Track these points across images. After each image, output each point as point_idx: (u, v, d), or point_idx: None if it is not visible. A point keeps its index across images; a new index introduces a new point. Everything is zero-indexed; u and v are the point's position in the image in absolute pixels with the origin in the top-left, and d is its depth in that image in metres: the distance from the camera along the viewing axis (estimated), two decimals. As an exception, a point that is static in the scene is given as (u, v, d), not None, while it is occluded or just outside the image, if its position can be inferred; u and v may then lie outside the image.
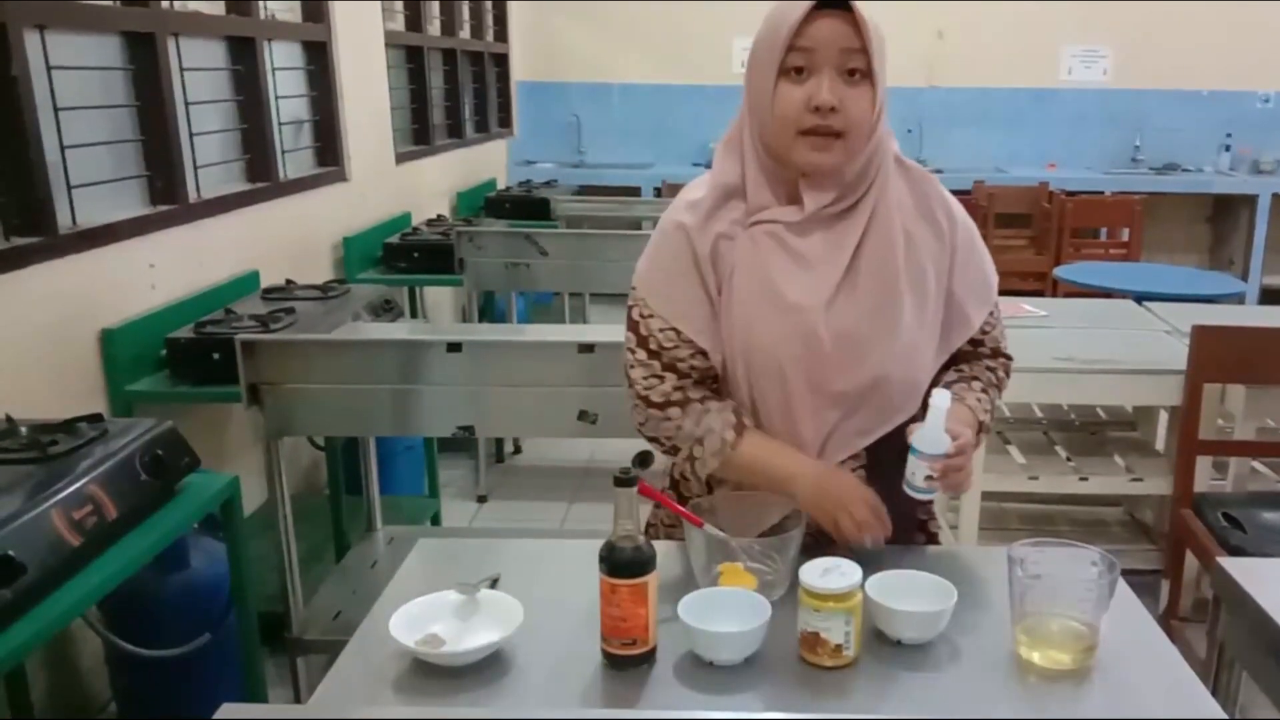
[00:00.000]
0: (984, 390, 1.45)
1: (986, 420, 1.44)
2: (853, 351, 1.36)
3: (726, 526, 1.35)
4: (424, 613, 1.26)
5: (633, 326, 1.44)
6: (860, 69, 1.30)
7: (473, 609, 1.28)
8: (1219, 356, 2.57)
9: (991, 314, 1.47)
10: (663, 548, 1.29)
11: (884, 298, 1.36)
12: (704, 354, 1.41)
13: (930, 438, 1.30)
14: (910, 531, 1.51)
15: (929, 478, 1.31)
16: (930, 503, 1.45)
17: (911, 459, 1.32)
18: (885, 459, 1.41)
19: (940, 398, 1.29)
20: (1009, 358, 1.52)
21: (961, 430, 1.33)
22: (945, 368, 1.48)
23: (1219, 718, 1.12)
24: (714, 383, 1.45)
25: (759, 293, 1.37)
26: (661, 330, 1.41)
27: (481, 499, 3.87)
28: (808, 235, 1.37)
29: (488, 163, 6.35)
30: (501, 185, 6.34)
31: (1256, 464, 3.14)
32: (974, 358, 1.50)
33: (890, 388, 1.38)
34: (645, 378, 1.42)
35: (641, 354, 1.43)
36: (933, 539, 1.57)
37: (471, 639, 1.23)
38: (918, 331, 1.39)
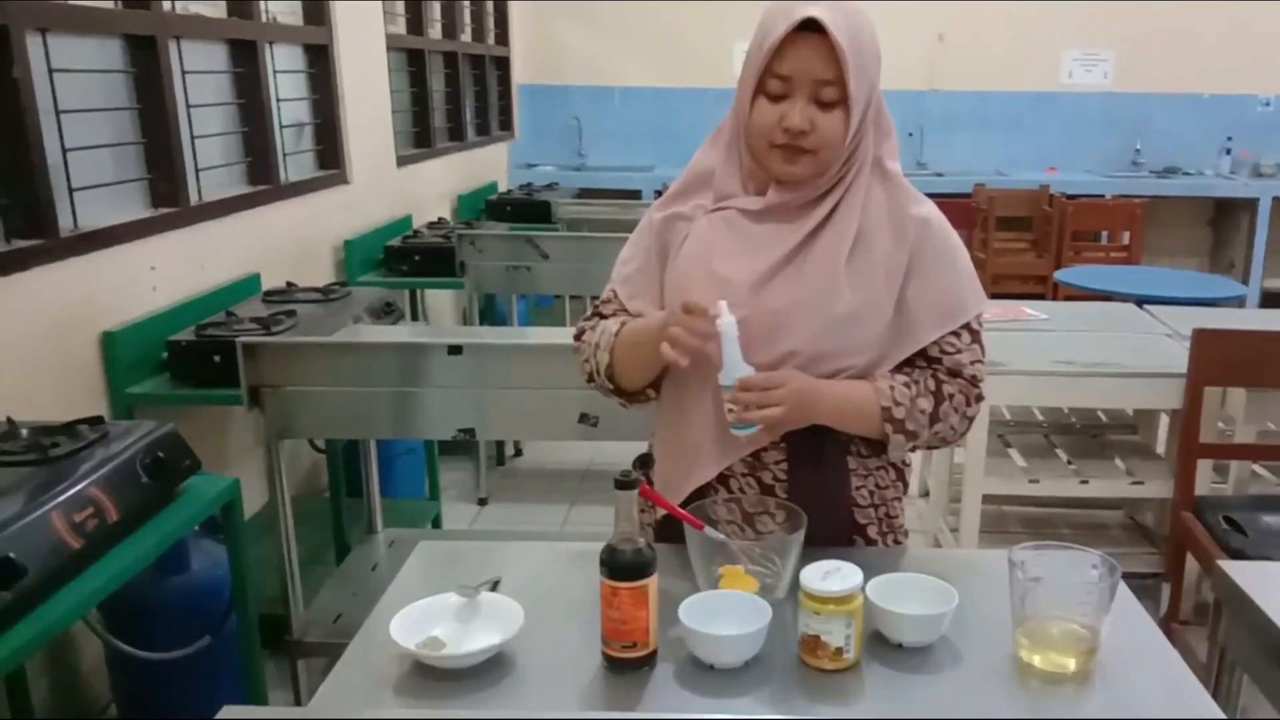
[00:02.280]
0: (907, 385, 1.40)
1: (895, 412, 1.38)
2: (771, 329, 1.37)
3: (661, 485, 1.38)
4: (425, 615, 1.26)
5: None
6: (834, 99, 1.32)
7: (473, 611, 1.28)
8: (1220, 360, 2.57)
9: (959, 337, 1.42)
10: (663, 550, 1.29)
11: (821, 287, 1.37)
12: (628, 314, 1.48)
13: (724, 369, 1.32)
14: (842, 535, 1.46)
15: (730, 409, 1.33)
16: (758, 444, 1.40)
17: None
18: (805, 449, 1.41)
19: (724, 323, 1.30)
20: (973, 383, 1.44)
21: (786, 374, 1.33)
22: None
23: (1220, 721, 1.12)
24: None
25: (695, 266, 1.42)
26: (605, 296, 1.53)
27: (482, 501, 3.87)
28: (762, 223, 1.41)
29: (489, 165, 6.36)
30: (502, 188, 6.34)
31: (1257, 467, 3.14)
32: (926, 371, 1.44)
33: (810, 371, 1.36)
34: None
35: (588, 312, 1.56)
36: (882, 544, 1.51)
37: (472, 642, 1.23)
38: (852, 325, 1.38)
